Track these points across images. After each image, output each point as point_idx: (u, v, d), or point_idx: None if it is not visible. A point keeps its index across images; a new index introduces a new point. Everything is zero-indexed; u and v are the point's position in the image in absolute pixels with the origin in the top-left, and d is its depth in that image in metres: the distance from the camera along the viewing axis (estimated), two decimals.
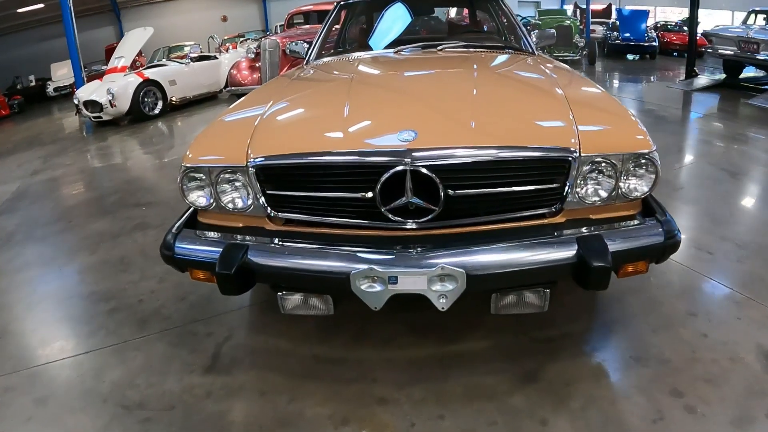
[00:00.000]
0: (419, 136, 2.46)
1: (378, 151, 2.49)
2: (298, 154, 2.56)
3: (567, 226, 2.56)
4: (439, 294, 2.36)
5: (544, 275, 2.45)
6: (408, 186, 2.40)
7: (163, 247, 2.68)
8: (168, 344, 3.30)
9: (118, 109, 12.20)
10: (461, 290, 2.34)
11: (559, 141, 2.48)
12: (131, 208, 6.15)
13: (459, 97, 3.00)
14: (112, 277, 4.34)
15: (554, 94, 2.98)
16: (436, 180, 2.38)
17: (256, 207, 2.66)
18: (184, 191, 2.71)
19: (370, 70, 4.00)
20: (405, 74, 3.81)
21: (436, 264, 2.32)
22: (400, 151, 2.41)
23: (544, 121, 2.70)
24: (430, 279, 2.33)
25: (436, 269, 2.31)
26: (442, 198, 2.42)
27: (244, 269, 2.47)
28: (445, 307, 2.38)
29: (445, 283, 2.34)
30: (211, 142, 2.91)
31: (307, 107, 3.24)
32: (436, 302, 2.38)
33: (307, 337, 3.23)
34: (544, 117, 2.74)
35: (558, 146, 2.46)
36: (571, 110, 2.67)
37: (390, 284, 2.35)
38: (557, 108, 2.75)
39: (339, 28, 5.73)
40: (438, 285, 2.35)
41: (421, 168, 2.38)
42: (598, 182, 2.53)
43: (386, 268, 2.33)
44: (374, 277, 2.35)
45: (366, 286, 2.37)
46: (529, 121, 2.70)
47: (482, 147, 2.45)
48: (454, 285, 2.34)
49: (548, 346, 3.00)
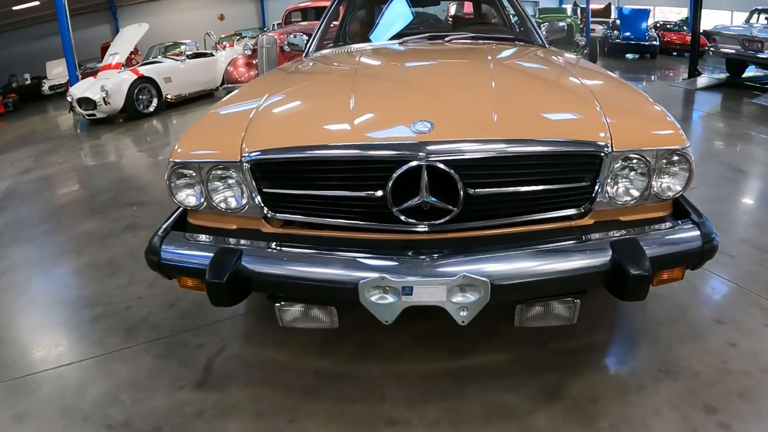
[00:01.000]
0: (435, 127, 2.24)
1: (389, 144, 2.25)
2: (298, 147, 2.32)
3: (596, 228, 2.36)
4: (459, 306, 2.12)
5: (575, 284, 2.24)
6: (423, 183, 2.17)
7: (149, 252, 2.45)
8: (156, 356, 3.08)
9: (112, 107, 12.06)
10: (484, 302, 2.11)
11: (588, 135, 2.28)
12: (122, 207, 5.98)
13: (477, 89, 2.78)
14: (99, 281, 4.15)
15: (578, 86, 2.80)
16: (454, 177, 2.16)
17: (252, 207, 2.43)
18: (172, 189, 2.49)
19: (376, 61, 3.74)
20: (414, 64, 3.56)
21: (456, 272, 2.08)
22: (415, 143, 2.19)
23: (571, 114, 2.51)
24: (450, 289, 2.10)
25: (457, 278, 2.07)
26: (461, 197, 2.19)
27: (238, 277, 2.23)
28: (466, 320, 2.15)
29: (467, 293, 2.11)
30: (202, 135, 2.68)
31: (307, 99, 3.00)
32: (456, 315, 2.14)
33: (308, 350, 3.01)
34: (571, 110, 2.54)
35: (589, 140, 2.26)
36: (598, 103, 2.47)
37: (404, 295, 2.11)
38: (583, 100, 2.56)
39: (339, 22, 5.49)
40: (459, 296, 2.12)
41: (438, 163, 2.15)
42: (629, 180, 2.35)
43: (400, 276, 2.08)
44: (386, 287, 2.10)
45: (377, 297, 2.13)
46: (555, 114, 2.51)
47: (507, 140, 2.23)
48: (477, 296, 2.10)
49: (570, 358, 2.80)
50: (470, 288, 2.09)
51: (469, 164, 2.20)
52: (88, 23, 25.88)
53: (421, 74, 3.29)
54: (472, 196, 2.21)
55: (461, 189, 2.18)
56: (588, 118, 2.39)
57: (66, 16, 12.87)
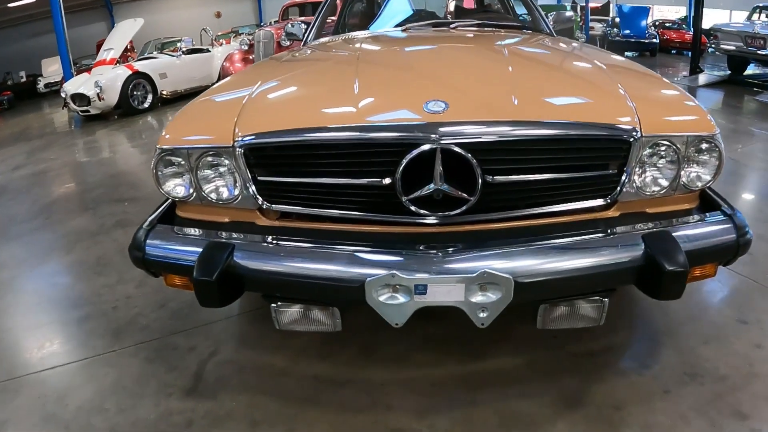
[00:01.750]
0: (450, 108, 2.06)
1: (399, 125, 2.07)
2: (296, 130, 2.12)
3: (622, 221, 2.20)
4: (479, 306, 1.92)
5: (605, 282, 2.07)
6: (438, 169, 1.98)
7: (132, 247, 2.25)
8: (144, 360, 2.89)
9: (106, 103, 11.90)
10: (507, 302, 1.92)
11: (616, 119, 2.13)
12: (113, 203, 5.80)
13: (493, 72, 2.63)
14: (87, 279, 3.98)
15: (598, 71, 2.66)
16: (472, 162, 1.97)
17: (245, 198, 2.24)
18: (159, 179, 2.30)
19: (379, 47, 3.53)
20: (422, 48, 3.36)
21: (476, 268, 1.88)
22: (428, 124, 2.00)
23: (595, 98, 2.34)
24: (469, 288, 1.90)
25: (478, 275, 1.87)
26: (479, 185, 2.00)
27: (229, 275, 2.03)
28: (486, 323, 1.96)
29: (488, 292, 1.91)
30: (191, 121, 2.50)
31: (305, 84, 2.80)
32: (475, 317, 1.95)
33: (307, 353, 2.81)
34: (595, 94, 2.38)
35: (617, 124, 2.10)
36: (621, 87, 2.32)
37: (417, 295, 1.90)
38: (606, 85, 2.43)
39: (338, 13, 5.30)
40: (478, 295, 1.92)
41: (453, 146, 1.96)
42: (658, 169, 2.20)
43: (412, 273, 1.88)
44: (396, 285, 1.90)
45: (386, 297, 1.93)
46: (579, 98, 2.35)
47: (530, 123, 2.06)
48: (499, 295, 1.90)
49: (589, 361, 2.64)
50: (491, 286, 1.90)
51: (488, 148, 2.02)
52: (84, 20, 25.91)
53: (430, 58, 3.09)
54: (490, 185, 2.03)
55: (479, 176, 1.99)
56: (613, 102, 2.24)
57: (60, 11, 12.79)
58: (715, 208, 2.25)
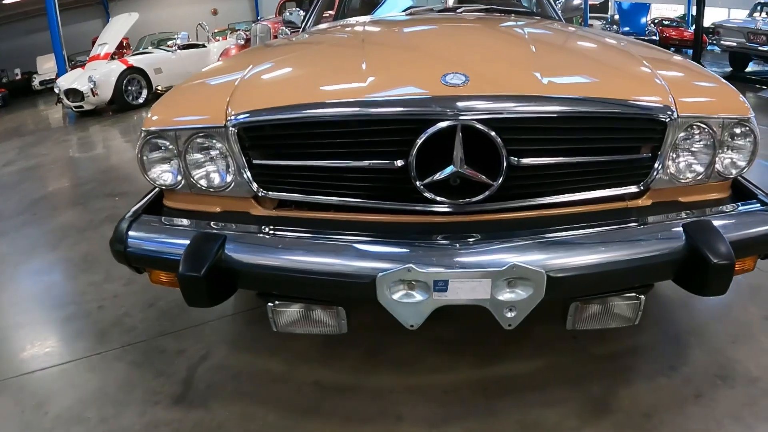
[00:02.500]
0: (471, 81, 1.85)
1: (413, 98, 1.86)
2: (295, 106, 1.91)
3: (655, 210, 2.03)
4: (507, 305, 1.72)
5: (643, 276, 1.91)
6: (458, 149, 1.77)
7: (114, 240, 2.04)
8: (129, 364, 2.68)
9: (100, 98, 11.76)
10: (538, 299, 1.71)
11: (650, 98, 1.96)
12: (103, 198, 5.65)
13: (515, 50, 2.47)
14: (72, 277, 3.80)
15: (623, 51, 2.54)
16: (496, 141, 1.76)
17: (239, 184, 2.03)
18: (144, 164, 2.09)
19: (387, 28, 3.26)
20: (434, 27, 3.13)
21: (504, 262, 1.66)
22: (447, 98, 1.79)
23: (626, 77, 2.19)
24: (496, 284, 1.68)
25: (506, 269, 1.65)
26: (503, 168, 1.79)
27: (220, 270, 1.81)
28: (514, 324, 1.75)
29: (516, 289, 1.70)
30: (180, 101, 2.28)
31: (305, 64, 2.58)
32: (502, 317, 1.74)
33: (307, 357, 2.61)
34: (625, 72, 2.24)
35: (652, 103, 1.93)
36: (651, 67, 2.18)
37: (436, 292, 1.68)
38: (634, 64, 2.28)
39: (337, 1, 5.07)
40: (506, 292, 1.71)
41: (475, 123, 1.74)
42: (692, 154, 2.05)
43: (431, 267, 1.66)
44: (413, 281, 1.68)
45: (400, 294, 1.71)
46: (607, 76, 2.18)
47: (562, 98, 1.87)
48: (529, 291, 1.70)
49: (614, 364, 2.47)
50: (521, 282, 1.69)
51: (514, 126, 1.82)
52: (80, 17, 25.77)
53: (445, 36, 2.87)
54: (515, 168, 1.83)
55: (504, 158, 1.78)
56: (645, 81, 2.08)
57: (55, 7, 12.78)
58: (750, 197, 2.10)
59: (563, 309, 1.97)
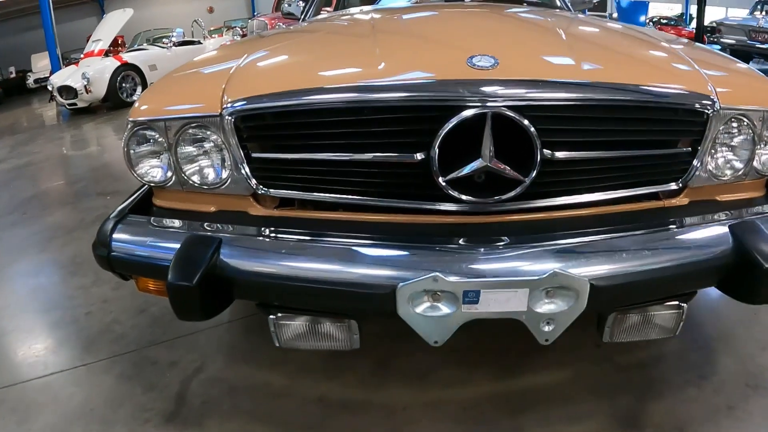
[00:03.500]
0: (502, 64, 1.68)
1: (435, 81, 1.67)
2: (300, 91, 1.71)
3: (693, 210, 1.88)
4: (545, 318, 1.53)
5: (688, 283, 1.77)
6: (487, 140, 1.57)
7: (97, 243, 1.85)
8: (118, 377, 2.49)
9: (94, 95, 11.62)
10: (579, 311, 1.53)
11: (691, 86, 1.82)
12: (94, 197, 5.51)
13: (544, 33, 2.33)
14: (60, 280, 3.65)
15: (652, 39, 2.38)
16: (530, 132, 1.58)
17: (236, 181, 1.83)
18: (131, 159, 1.91)
19: (397, 15, 2.97)
20: (451, 12, 2.92)
21: (543, 269, 1.47)
22: (475, 81, 1.60)
23: (663, 64, 2.06)
24: (534, 294, 1.49)
25: (547, 277, 1.46)
26: (537, 161, 1.61)
27: (215, 278, 1.61)
28: (551, 338, 1.57)
29: (555, 299, 1.51)
30: (171, 90, 2.10)
31: (310, 49, 2.38)
32: (538, 332, 1.56)
33: (310, 369, 2.42)
34: (661, 61, 2.09)
35: (695, 92, 1.79)
36: (685, 55, 2.06)
37: (465, 304, 1.48)
38: (667, 53, 2.17)
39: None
40: (545, 303, 1.52)
41: (507, 111, 1.55)
42: (731, 149, 1.91)
43: (460, 276, 1.46)
44: (438, 292, 1.48)
45: (424, 307, 1.51)
46: (645, 64, 2.05)
47: (604, 85, 1.72)
48: (570, 303, 1.51)
49: (641, 374, 2.33)
50: (561, 292, 1.50)
51: (550, 115, 1.65)
52: (75, 15, 25.92)
53: (465, 21, 2.67)
54: (549, 162, 1.65)
55: (538, 150, 1.60)
56: (684, 71, 1.93)
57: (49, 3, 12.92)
58: None
59: (598, 320, 1.80)
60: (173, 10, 28.90)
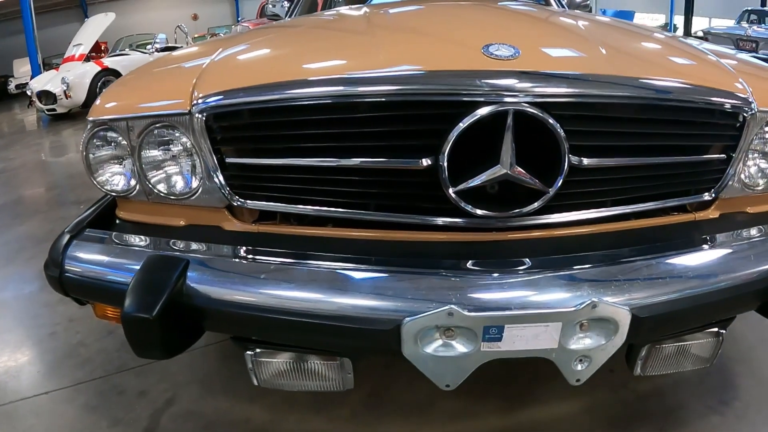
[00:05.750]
0: (523, 54, 1.47)
1: (445, 72, 1.43)
2: (284, 83, 1.47)
3: (726, 225, 1.71)
4: (578, 355, 1.32)
5: (728, 308, 1.57)
6: (508, 144, 1.35)
7: (48, 261, 1.61)
8: (82, 407, 2.26)
9: (74, 101, 11.39)
10: (618, 345, 1.32)
11: (725, 85, 1.65)
12: (68, 206, 5.31)
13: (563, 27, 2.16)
14: (24, 297, 3.40)
15: (670, 37, 2.31)
16: (558, 134, 1.36)
17: (208, 190, 1.59)
18: (90, 164, 1.68)
19: (395, 8, 2.60)
20: (459, 4, 2.63)
21: (579, 299, 1.24)
22: (493, 73, 1.38)
23: (696, 64, 1.89)
24: (567, 328, 1.26)
25: (584, 308, 1.24)
26: (564, 169, 1.39)
27: (180, 307, 1.36)
28: (583, 378, 1.38)
29: (590, 333, 1.29)
30: (135, 86, 1.86)
31: (295, 43, 2.12)
32: (569, 371, 1.36)
33: (296, 402, 2.18)
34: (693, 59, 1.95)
35: (730, 91, 1.62)
36: (714, 54, 1.90)
37: (486, 342, 1.25)
38: (694, 51, 2.00)
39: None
40: (579, 340, 1.30)
41: (530, 108, 1.33)
42: (764, 156, 1.77)
43: (479, 309, 1.22)
44: (453, 328, 1.24)
45: (436, 346, 1.28)
46: (674, 60, 1.90)
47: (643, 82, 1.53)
48: (608, 336, 1.29)
49: (661, 402, 2.17)
50: (597, 324, 1.28)
51: (581, 114, 1.44)
52: (58, 20, 25.81)
53: (476, 12, 2.41)
54: (577, 170, 1.44)
55: (566, 156, 1.38)
56: (718, 70, 1.78)
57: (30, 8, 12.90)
58: None
59: (628, 351, 1.60)
60: (158, 16, 29.01)
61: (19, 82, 21.33)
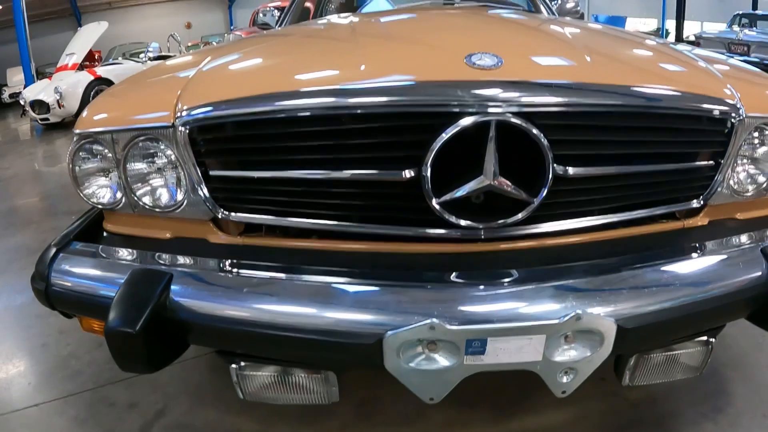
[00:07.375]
0: (506, 64, 1.46)
1: (428, 83, 1.43)
2: (267, 96, 1.47)
3: (715, 232, 1.71)
4: (563, 367, 1.31)
5: (718, 316, 1.56)
6: (491, 154, 1.35)
7: (35, 274, 1.60)
8: (72, 420, 2.24)
9: (67, 110, 11.38)
10: (603, 357, 1.31)
11: (713, 91, 1.64)
12: (60, 216, 5.29)
13: (549, 36, 2.15)
14: (15, 308, 3.39)
15: (661, 44, 2.29)
16: (541, 144, 1.36)
17: (193, 203, 1.59)
18: (76, 176, 1.67)
19: (380, 17, 2.64)
20: (442, 14, 2.69)
21: (563, 310, 1.24)
22: (476, 83, 1.38)
23: (684, 70, 1.87)
24: (551, 340, 1.26)
25: (568, 321, 1.23)
26: (549, 178, 1.39)
27: (164, 322, 1.35)
28: (569, 390, 1.36)
29: (575, 344, 1.29)
30: (120, 100, 1.86)
31: (280, 53, 2.12)
32: (555, 383, 1.35)
33: (286, 413, 2.16)
34: (681, 65, 1.93)
35: (718, 97, 1.61)
36: (703, 60, 1.90)
37: (469, 355, 1.25)
38: (682, 57, 1.97)
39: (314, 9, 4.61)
40: (564, 352, 1.29)
41: (513, 118, 1.33)
42: (753, 162, 1.77)
43: (463, 322, 1.21)
44: (436, 341, 1.23)
45: (418, 360, 1.27)
46: (662, 67, 1.89)
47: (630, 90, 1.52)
48: (594, 348, 1.29)
49: (654, 410, 2.16)
50: (582, 336, 1.27)
51: (563, 124, 1.44)
52: (52, 29, 25.71)
53: (460, 21, 2.45)
54: (562, 179, 1.43)
55: (550, 166, 1.38)
56: (706, 76, 1.77)
57: (23, 16, 12.86)
58: None
59: (616, 362, 1.60)
60: (151, 25, 29.02)
61: (12, 91, 21.30)
